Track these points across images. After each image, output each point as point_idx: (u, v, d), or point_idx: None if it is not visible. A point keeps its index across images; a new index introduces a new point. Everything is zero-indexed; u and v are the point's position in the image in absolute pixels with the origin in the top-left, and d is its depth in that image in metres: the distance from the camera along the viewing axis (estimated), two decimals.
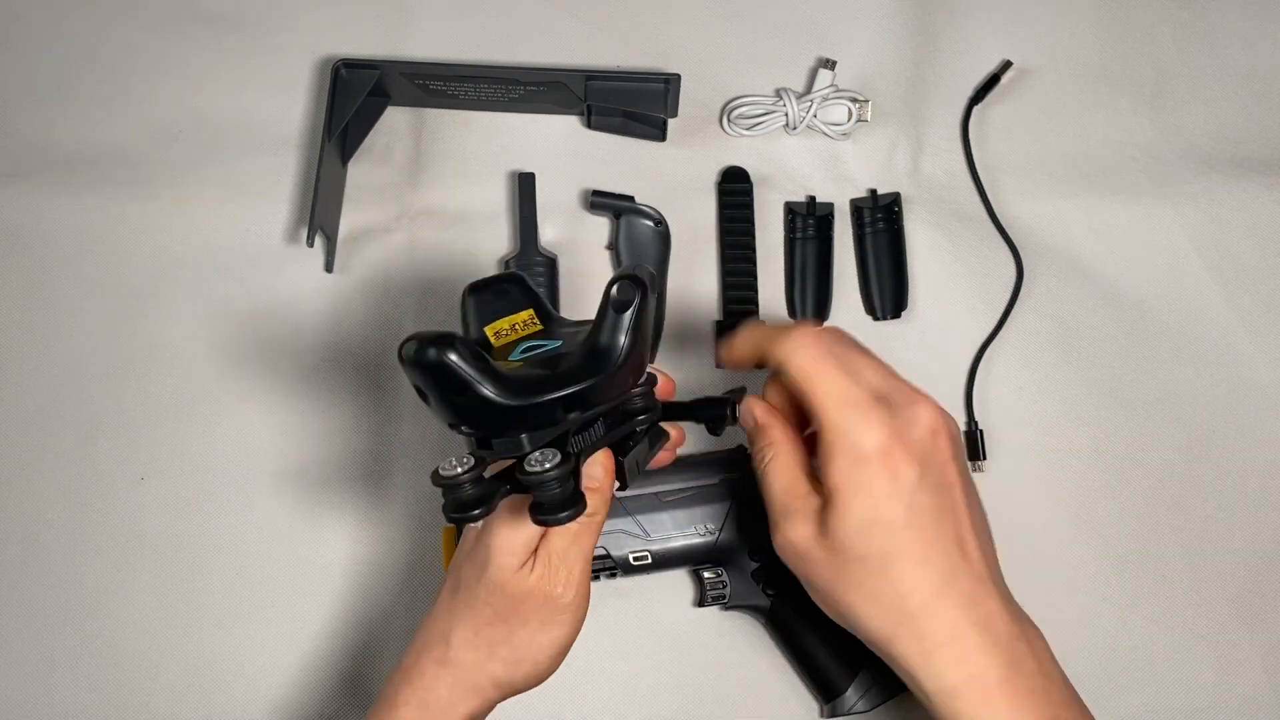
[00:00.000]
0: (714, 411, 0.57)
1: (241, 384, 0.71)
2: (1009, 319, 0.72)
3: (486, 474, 0.47)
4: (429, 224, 0.73)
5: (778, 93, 0.75)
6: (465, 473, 0.46)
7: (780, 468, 0.53)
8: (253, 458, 0.70)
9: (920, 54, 0.77)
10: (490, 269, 0.73)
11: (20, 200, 0.74)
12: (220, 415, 0.71)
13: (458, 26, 0.78)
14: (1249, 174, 0.75)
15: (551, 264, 0.72)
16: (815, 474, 0.52)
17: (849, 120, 0.74)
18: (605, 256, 0.73)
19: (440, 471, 0.46)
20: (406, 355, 0.45)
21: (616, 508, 0.61)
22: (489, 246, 0.73)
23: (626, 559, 0.63)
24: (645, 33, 0.77)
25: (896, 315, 0.72)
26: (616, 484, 0.54)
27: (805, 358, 0.51)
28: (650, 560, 0.63)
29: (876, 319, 0.72)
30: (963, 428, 0.70)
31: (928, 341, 0.72)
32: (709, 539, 0.63)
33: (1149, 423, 0.71)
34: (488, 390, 0.45)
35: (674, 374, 0.70)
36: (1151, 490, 0.70)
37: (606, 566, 0.63)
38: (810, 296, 0.72)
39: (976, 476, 0.69)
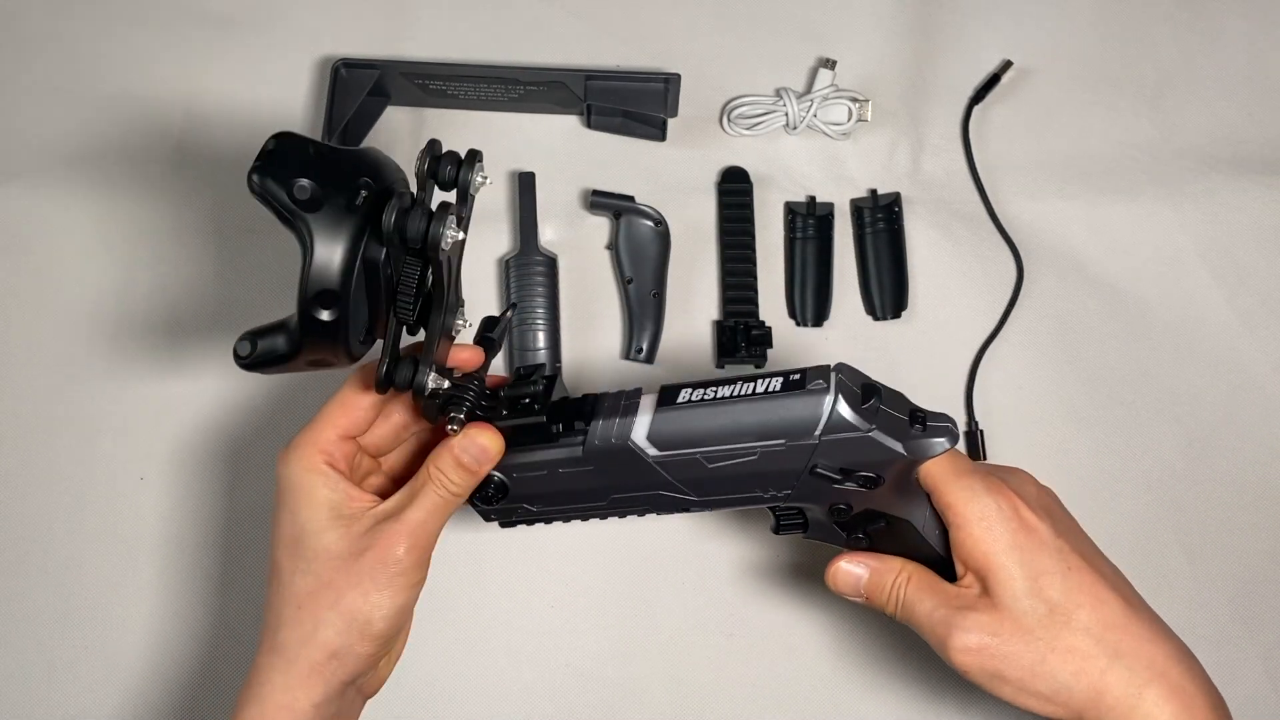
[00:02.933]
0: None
1: (244, 385, 0.71)
2: (1009, 319, 0.72)
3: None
4: None
5: (778, 92, 0.75)
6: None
7: (918, 587, 0.52)
8: (254, 458, 0.70)
9: (920, 54, 0.77)
10: (490, 269, 0.73)
11: (20, 200, 0.74)
12: (220, 415, 0.71)
13: (458, 26, 0.78)
14: (1249, 174, 0.75)
15: (551, 264, 0.72)
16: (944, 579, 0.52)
17: (849, 120, 0.74)
18: (605, 256, 0.73)
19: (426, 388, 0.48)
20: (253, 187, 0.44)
21: (649, 469, 0.51)
22: (489, 246, 0.73)
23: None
24: (645, 33, 0.77)
25: (896, 315, 0.72)
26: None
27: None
28: (698, 509, 0.54)
29: (876, 319, 0.72)
30: (963, 428, 0.70)
31: (928, 341, 0.72)
32: (777, 498, 0.52)
33: (1149, 423, 0.71)
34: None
35: (673, 376, 0.71)
36: (1151, 490, 0.70)
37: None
38: (810, 297, 0.72)
39: None
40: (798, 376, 0.49)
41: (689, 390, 0.50)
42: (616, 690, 0.67)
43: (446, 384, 0.49)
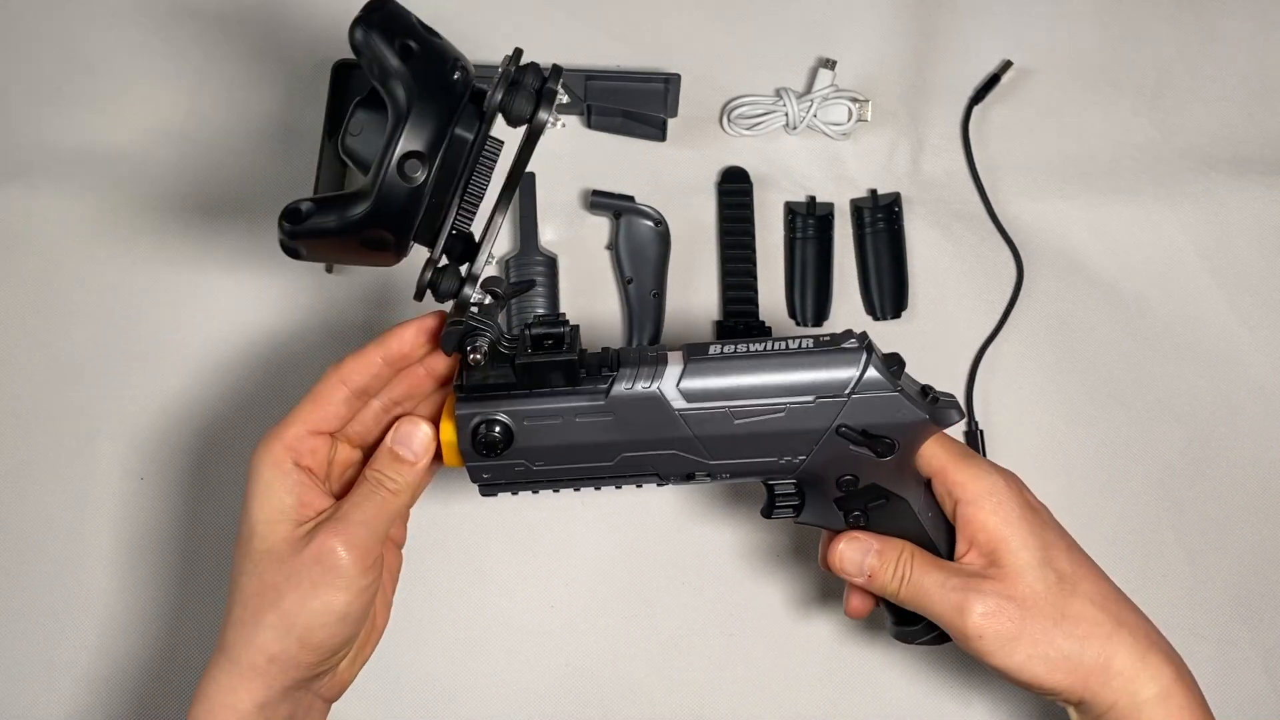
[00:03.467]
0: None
1: (244, 384, 0.71)
2: (1009, 319, 0.72)
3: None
4: None
5: (778, 93, 0.75)
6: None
7: (924, 564, 0.53)
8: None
9: (920, 54, 0.77)
10: (490, 269, 0.73)
11: (20, 200, 0.74)
12: (221, 416, 0.71)
13: (457, 26, 0.77)
14: (1249, 174, 0.75)
15: (551, 264, 0.72)
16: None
17: (849, 120, 0.74)
18: (605, 256, 0.73)
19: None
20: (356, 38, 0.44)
21: (672, 421, 0.50)
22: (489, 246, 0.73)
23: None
24: (645, 33, 0.77)
25: (896, 315, 0.72)
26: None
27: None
28: (702, 479, 0.53)
29: (876, 319, 0.72)
30: (963, 428, 0.70)
31: (928, 341, 0.72)
32: (790, 465, 0.52)
33: (1149, 423, 0.71)
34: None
35: None
36: (1151, 490, 0.70)
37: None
38: (810, 297, 0.72)
39: None
40: (828, 338, 0.50)
41: (718, 346, 0.51)
42: (617, 690, 0.67)
43: (489, 300, 0.48)
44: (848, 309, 0.73)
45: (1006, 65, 0.76)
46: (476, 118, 0.46)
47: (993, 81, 0.76)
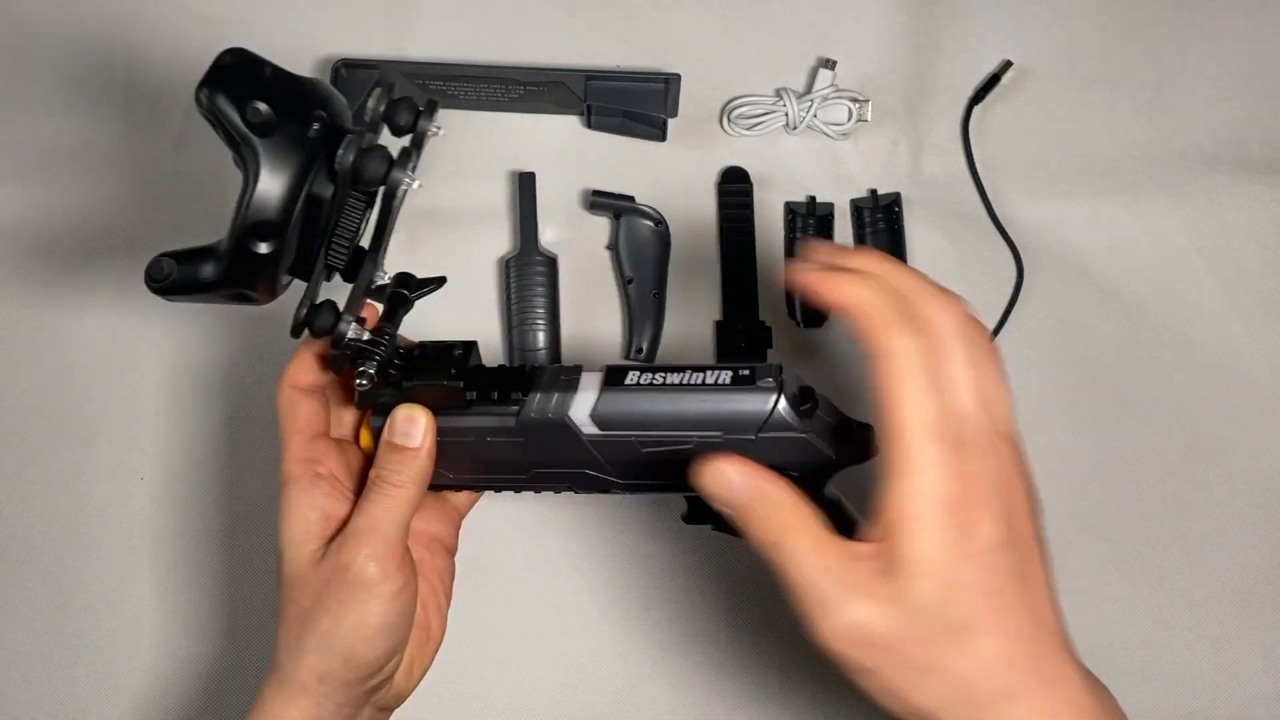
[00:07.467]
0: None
1: (243, 385, 0.71)
2: (1009, 319, 0.72)
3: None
4: (429, 224, 0.73)
5: (778, 93, 0.75)
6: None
7: (809, 538, 0.43)
8: (254, 458, 0.70)
9: (920, 54, 0.77)
10: (490, 269, 0.73)
11: (20, 200, 0.74)
12: (220, 416, 0.71)
13: (458, 26, 0.78)
14: (1249, 174, 0.75)
15: (551, 264, 0.72)
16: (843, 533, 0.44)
17: (849, 120, 0.74)
18: (605, 256, 0.73)
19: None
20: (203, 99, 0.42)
21: (581, 447, 0.50)
22: (489, 246, 0.73)
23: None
24: (645, 33, 0.77)
25: None
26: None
27: (908, 367, 0.42)
28: (617, 492, 0.53)
29: None
30: None
31: None
32: (695, 490, 0.49)
33: (1149, 423, 0.71)
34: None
35: None
36: (1151, 490, 0.70)
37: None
38: None
39: None
40: (747, 373, 0.49)
41: (636, 373, 0.50)
42: (618, 690, 0.67)
43: (367, 336, 0.48)
44: None
45: (1006, 65, 0.76)
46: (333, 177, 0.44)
47: (993, 81, 0.76)
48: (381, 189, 0.44)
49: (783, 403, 0.48)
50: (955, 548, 0.41)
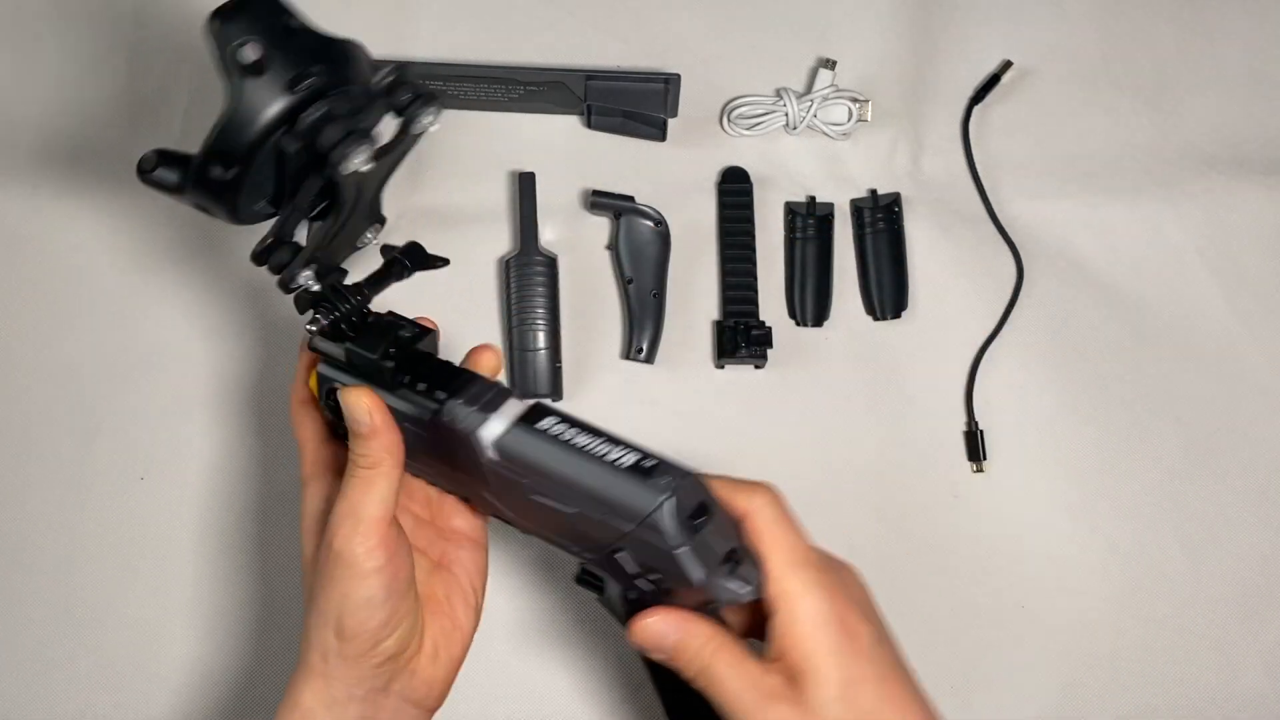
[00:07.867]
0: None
1: (244, 385, 0.71)
2: (1009, 319, 0.72)
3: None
4: (429, 224, 0.73)
5: (778, 93, 0.75)
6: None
7: (730, 661, 0.49)
8: (254, 458, 0.70)
9: (920, 54, 0.77)
10: (490, 269, 0.73)
11: (20, 200, 0.74)
12: (219, 416, 0.71)
13: (458, 26, 0.78)
14: (1249, 174, 0.75)
15: (551, 264, 0.72)
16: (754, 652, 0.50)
17: (849, 120, 0.74)
18: (605, 256, 0.73)
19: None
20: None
21: (479, 469, 0.49)
22: (489, 246, 0.73)
23: None
24: (645, 33, 0.77)
25: (896, 315, 0.72)
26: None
27: (766, 518, 0.49)
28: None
29: (876, 319, 0.73)
30: (963, 428, 0.70)
31: (928, 341, 0.72)
32: (577, 553, 0.50)
33: (1149, 423, 0.71)
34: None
35: (673, 375, 0.71)
36: (1151, 490, 0.70)
37: None
38: (810, 297, 0.72)
39: (977, 477, 0.69)
40: (653, 464, 0.47)
41: (555, 420, 0.48)
42: (619, 690, 0.67)
43: (317, 287, 0.47)
44: (848, 309, 0.73)
45: (1006, 65, 0.76)
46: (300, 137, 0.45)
47: (993, 81, 0.76)
48: (327, 158, 0.44)
49: (668, 509, 0.45)
50: (845, 651, 0.48)
